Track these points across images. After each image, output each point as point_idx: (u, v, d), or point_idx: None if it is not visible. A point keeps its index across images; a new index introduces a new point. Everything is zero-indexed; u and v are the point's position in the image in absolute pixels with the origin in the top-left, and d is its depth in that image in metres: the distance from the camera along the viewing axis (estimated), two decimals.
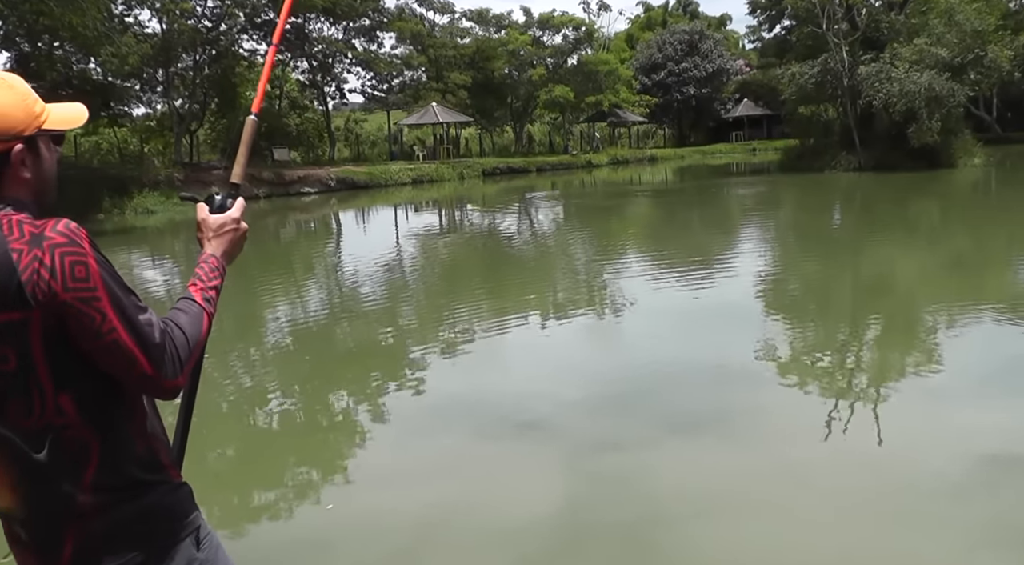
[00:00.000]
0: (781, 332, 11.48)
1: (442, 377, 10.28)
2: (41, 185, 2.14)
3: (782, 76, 48.26)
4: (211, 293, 2.25)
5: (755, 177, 47.56)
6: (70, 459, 2.02)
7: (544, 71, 64.60)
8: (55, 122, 2.15)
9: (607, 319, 13.08)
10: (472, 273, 19.34)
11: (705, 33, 78.24)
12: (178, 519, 2.19)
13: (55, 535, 2.06)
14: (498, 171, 56.83)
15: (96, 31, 33.90)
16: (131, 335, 1.98)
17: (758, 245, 21.28)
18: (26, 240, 1.94)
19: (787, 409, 8.30)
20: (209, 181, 42.34)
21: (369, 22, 57.47)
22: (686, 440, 7.46)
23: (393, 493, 6.74)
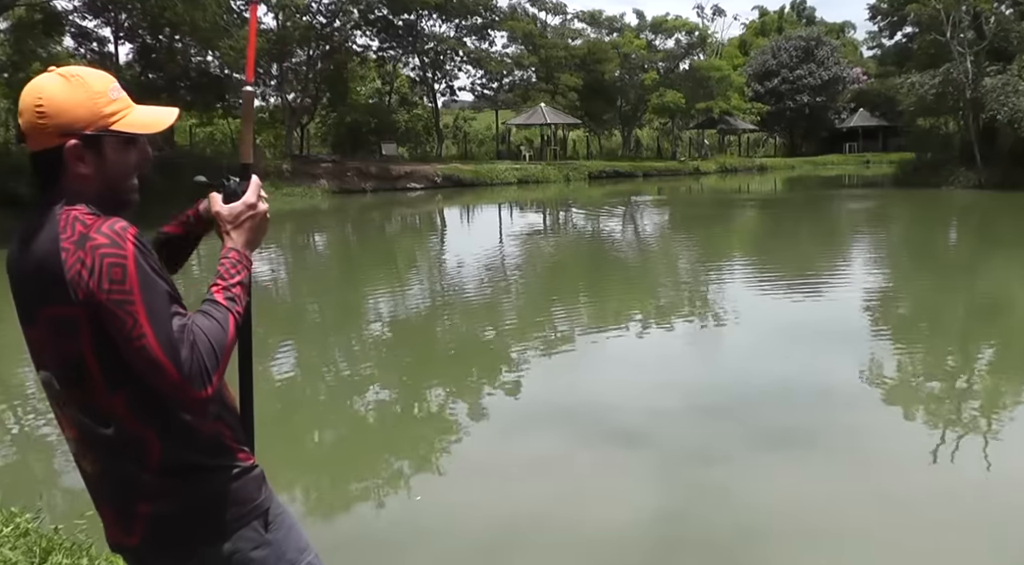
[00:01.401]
0: (889, 353, 11.14)
1: (540, 378, 10.25)
2: (105, 183, 2.16)
3: (901, 86, 46.81)
4: (235, 290, 2.17)
5: (868, 191, 46.50)
6: (133, 445, 2.12)
7: (655, 75, 64.17)
8: (127, 125, 2.17)
9: (708, 329, 12.87)
10: (574, 275, 19.24)
11: (822, 39, 76.56)
12: (244, 503, 2.23)
13: (129, 509, 2.17)
14: (604, 174, 56.56)
15: (215, 25, 34.71)
16: (160, 343, 1.96)
17: (868, 261, 20.70)
18: (74, 239, 2.01)
19: (892, 434, 8.04)
20: (317, 174, 42.97)
21: (481, 20, 57.70)
22: (784, 459, 7.28)
23: (484, 490, 6.76)
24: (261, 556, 2.24)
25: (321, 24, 50.22)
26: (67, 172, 2.11)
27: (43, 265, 2.04)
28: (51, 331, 2.08)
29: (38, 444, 8.21)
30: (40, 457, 7.95)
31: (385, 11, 52.41)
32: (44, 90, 2.10)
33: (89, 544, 4.57)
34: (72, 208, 2.07)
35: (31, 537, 4.51)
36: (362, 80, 59.17)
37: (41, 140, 2.10)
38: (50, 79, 2.12)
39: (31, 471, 7.68)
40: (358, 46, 54.75)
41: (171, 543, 2.18)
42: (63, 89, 2.10)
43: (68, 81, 2.11)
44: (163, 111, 2.26)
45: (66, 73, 2.13)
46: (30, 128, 2.11)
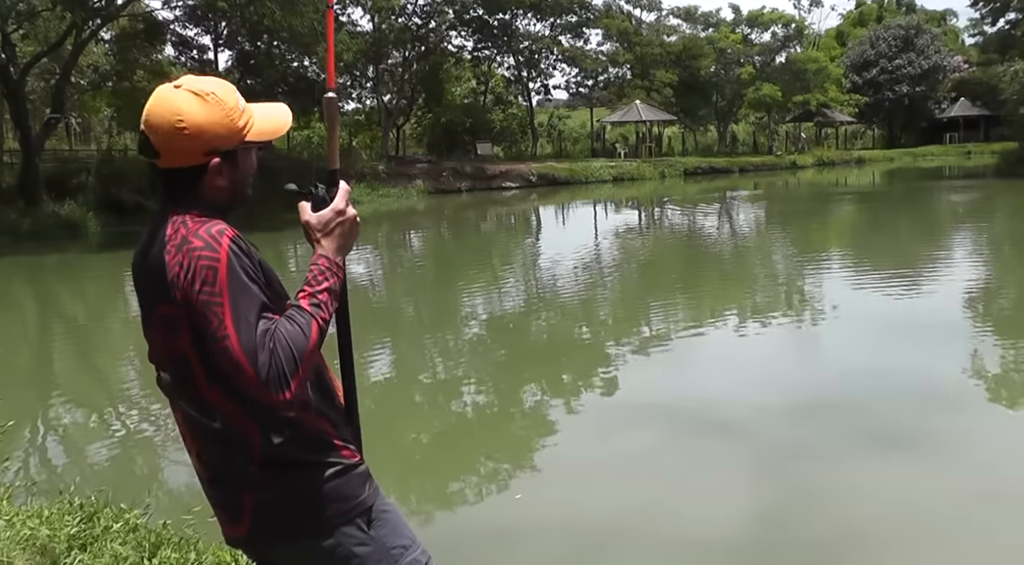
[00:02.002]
0: (993, 350, 10.85)
1: (637, 375, 10.24)
2: (237, 188, 2.28)
3: (1004, 74, 45.76)
4: (322, 297, 2.19)
5: (969, 182, 45.39)
6: (238, 438, 2.21)
7: (752, 69, 63.51)
8: (258, 134, 2.28)
9: (807, 325, 12.71)
10: (670, 272, 19.17)
11: (922, 27, 74.78)
12: (346, 500, 2.29)
13: (236, 500, 2.28)
14: (700, 170, 56.11)
15: (312, 30, 35.25)
16: (241, 345, 2.02)
17: (970, 255, 20.17)
18: (176, 243, 2.11)
19: (997, 432, 7.84)
20: (413, 175, 43.39)
21: (576, 18, 57.65)
22: (887, 458, 7.14)
23: (582, 489, 6.76)
24: (364, 552, 2.30)
25: (416, 25, 50.68)
26: (206, 185, 2.21)
27: (154, 267, 2.15)
28: (162, 329, 2.19)
29: (144, 442, 8.47)
30: (146, 454, 8.19)
31: (480, 11, 52.73)
32: (183, 110, 2.14)
33: (196, 539, 4.70)
34: (184, 213, 2.16)
35: (140, 532, 4.64)
36: (457, 80, 59.54)
37: (182, 158, 2.18)
38: (187, 99, 2.17)
39: (138, 468, 7.92)
40: (453, 46, 55.22)
41: (275, 535, 2.27)
42: (203, 109, 2.16)
43: (205, 100, 2.17)
44: (281, 112, 2.36)
45: (199, 91, 2.18)
46: (171, 146, 2.15)
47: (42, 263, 23.36)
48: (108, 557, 4.28)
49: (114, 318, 15.98)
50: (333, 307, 2.22)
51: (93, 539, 4.50)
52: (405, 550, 2.39)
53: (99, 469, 7.69)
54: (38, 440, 8.67)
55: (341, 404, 2.41)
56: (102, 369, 12.10)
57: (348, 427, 2.40)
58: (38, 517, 4.73)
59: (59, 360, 13.10)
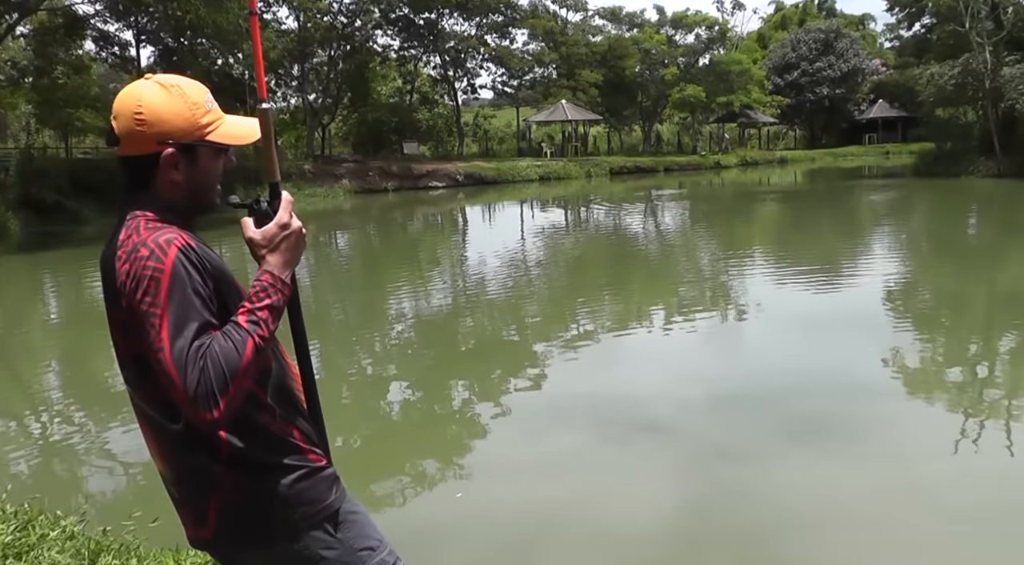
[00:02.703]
0: (911, 343, 11.15)
1: (564, 374, 10.30)
2: (195, 188, 2.27)
3: (920, 76, 46.83)
4: (261, 314, 2.12)
5: (887, 181, 46.24)
6: (204, 439, 2.17)
7: (676, 70, 64.15)
8: (221, 136, 2.28)
9: (731, 323, 12.92)
10: (597, 271, 19.31)
11: (841, 31, 76.42)
12: (312, 503, 2.30)
13: (201, 502, 2.26)
14: (625, 170, 56.60)
15: (238, 27, 34.92)
16: (173, 358, 1.99)
17: (889, 252, 20.70)
18: (128, 249, 2.11)
19: (915, 423, 8.07)
20: (339, 174, 43.17)
21: (502, 18, 57.72)
22: (808, 450, 7.32)
23: (509, 487, 6.79)
24: (331, 555, 2.31)
25: (342, 24, 50.38)
26: (160, 178, 2.21)
27: (108, 270, 2.16)
28: (121, 331, 2.18)
29: (72, 449, 8.32)
30: (77, 461, 8.04)
31: (406, 10, 52.60)
32: (144, 97, 2.18)
33: (137, 544, 4.65)
34: (140, 214, 2.17)
35: (78, 540, 4.57)
36: (383, 79, 59.35)
37: (137, 145, 2.19)
38: (149, 87, 2.21)
39: (70, 475, 7.78)
40: (379, 46, 55.02)
41: (243, 537, 2.27)
42: (163, 98, 2.19)
43: (168, 90, 2.20)
44: (251, 122, 2.36)
45: (165, 82, 2.22)
46: (127, 133, 2.18)
47: None
48: None
49: (35, 322, 15.66)
50: (275, 325, 2.16)
51: (29, 548, 4.43)
52: (372, 552, 2.40)
53: (29, 477, 7.54)
54: None
55: (304, 409, 2.40)
56: (23, 375, 11.85)
57: (314, 432, 2.40)
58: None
59: None
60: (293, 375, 2.41)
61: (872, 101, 74.67)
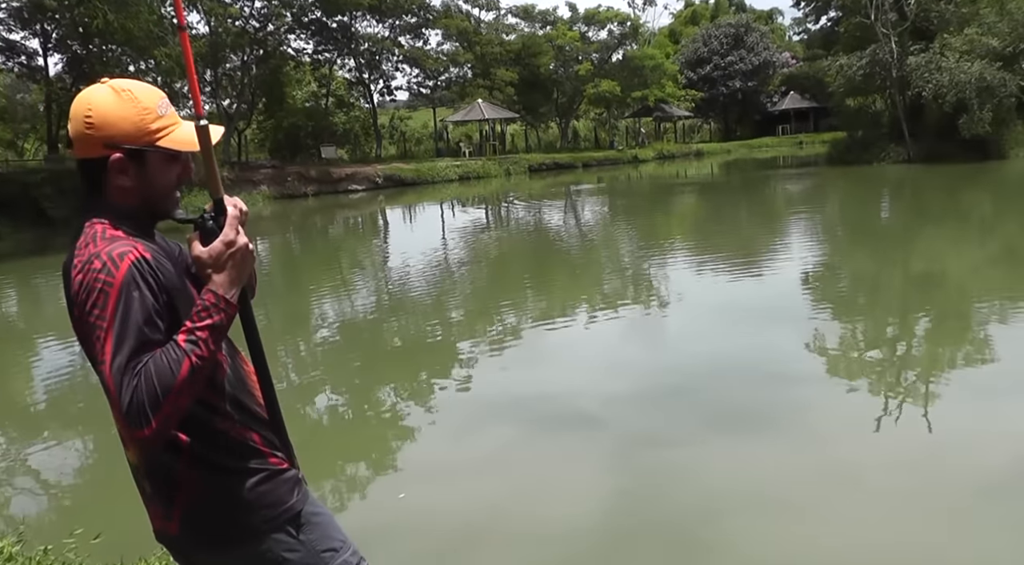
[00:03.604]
0: (829, 328, 11.37)
1: (489, 372, 10.35)
2: (147, 195, 2.26)
3: (829, 68, 47.70)
4: (201, 333, 2.08)
5: (802, 170, 47.04)
6: (167, 440, 2.18)
7: (590, 66, 64.52)
8: (172, 142, 2.26)
9: (653, 315, 13.07)
10: (519, 268, 19.38)
11: (751, 26, 77.46)
12: (273, 506, 2.33)
13: (167, 497, 2.29)
14: (544, 167, 56.82)
15: (149, 33, 34.39)
16: (112, 373, 2.00)
17: (805, 239, 21.06)
18: (83, 258, 2.10)
19: (834, 406, 8.24)
20: (257, 180, 42.74)
21: (415, 19, 57.65)
22: (732, 437, 7.44)
23: (440, 488, 6.81)
24: (294, 557, 2.34)
25: (254, 29, 49.90)
26: (109, 183, 2.21)
27: (64, 274, 2.16)
28: (79, 336, 2.16)
29: (17, 468, 8.16)
30: (7, 482, 7.88)
31: (319, 13, 52.24)
32: (94, 101, 2.19)
33: (80, 562, 4.60)
34: (98, 221, 2.17)
35: (18, 561, 4.50)
36: (298, 84, 58.86)
37: (86, 149, 2.20)
38: (101, 91, 2.22)
39: (11, 495, 7.58)
40: (293, 50, 54.53)
41: (206, 538, 2.29)
42: (113, 102, 2.19)
43: (119, 95, 2.21)
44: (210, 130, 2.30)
45: (117, 86, 2.23)
46: (77, 136, 2.20)
47: None
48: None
49: None
50: (215, 344, 2.12)
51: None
52: (336, 553, 2.43)
53: None
54: None
55: (262, 414, 2.41)
56: None
57: (276, 436, 2.41)
58: None
59: None
60: (252, 382, 2.42)
61: (784, 93, 75.77)
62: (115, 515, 6.39)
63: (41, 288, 21.62)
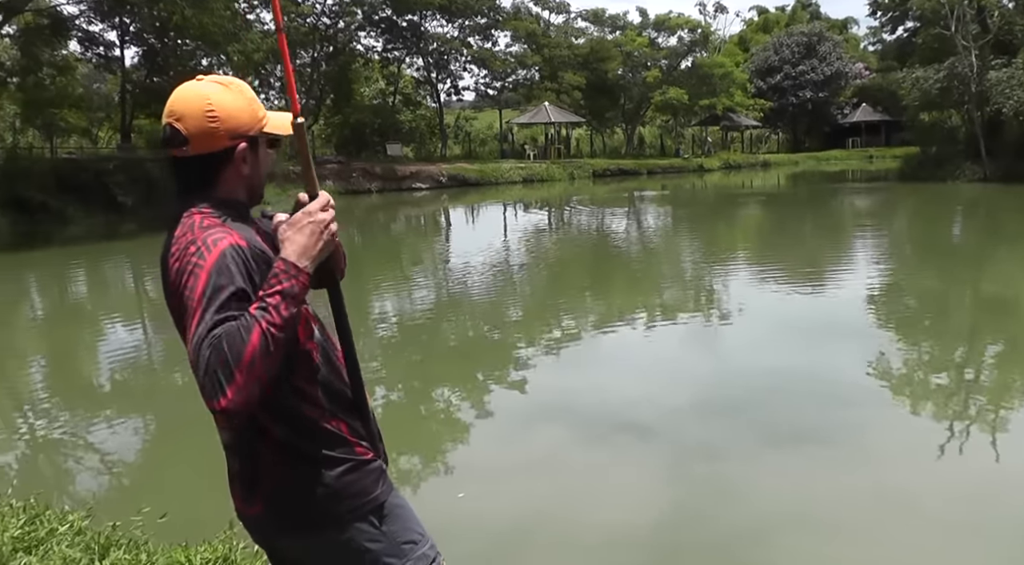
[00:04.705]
0: (893, 348, 11.16)
1: (545, 376, 10.31)
2: (255, 181, 2.35)
3: (904, 80, 46.77)
4: (271, 300, 2.06)
5: (871, 185, 46.43)
6: (256, 426, 2.26)
7: (658, 73, 64.21)
8: (273, 127, 2.35)
9: (713, 325, 12.93)
10: (579, 273, 19.32)
11: (824, 34, 76.49)
12: (358, 496, 2.35)
13: (253, 477, 2.33)
14: (608, 172, 56.68)
15: (224, 29, 34.87)
16: (193, 346, 2.01)
17: (872, 256, 20.65)
18: (180, 246, 2.15)
19: (896, 429, 8.06)
20: (323, 175, 43.04)
21: (485, 20, 57.79)
22: (787, 455, 7.34)
23: (491, 490, 6.79)
24: (376, 548, 2.35)
25: (325, 26, 50.37)
26: (232, 172, 2.27)
27: (162, 263, 2.21)
28: (174, 320, 2.21)
29: (73, 446, 8.32)
30: (79, 458, 8.05)
31: (389, 12, 52.54)
32: (211, 96, 2.24)
33: (145, 540, 4.63)
34: (197, 211, 2.20)
35: (87, 535, 4.57)
36: (366, 81, 59.25)
37: (210, 142, 2.23)
38: (212, 87, 2.27)
39: (74, 472, 7.76)
40: (362, 47, 54.96)
41: (288, 522, 2.31)
42: (228, 95, 2.27)
43: (229, 88, 2.29)
44: (286, 115, 2.40)
45: (221, 81, 2.31)
46: (200, 132, 2.22)
47: None
48: (57, 559, 4.23)
49: (20, 321, 15.58)
50: (288, 311, 2.07)
51: (38, 542, 4.44)
52: (415, 545, 2.45)
53: (31, 474, 7.54)
54: None
55: (351, 403, 2.43)
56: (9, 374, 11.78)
57: (363, 426, 2.43)
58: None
59: None
60: (343, 371, 2.43)
61: (855, 105, 74.89)
62: (180, 496, 6.51)
63: (109, 272, 22.04)
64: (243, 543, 4.48)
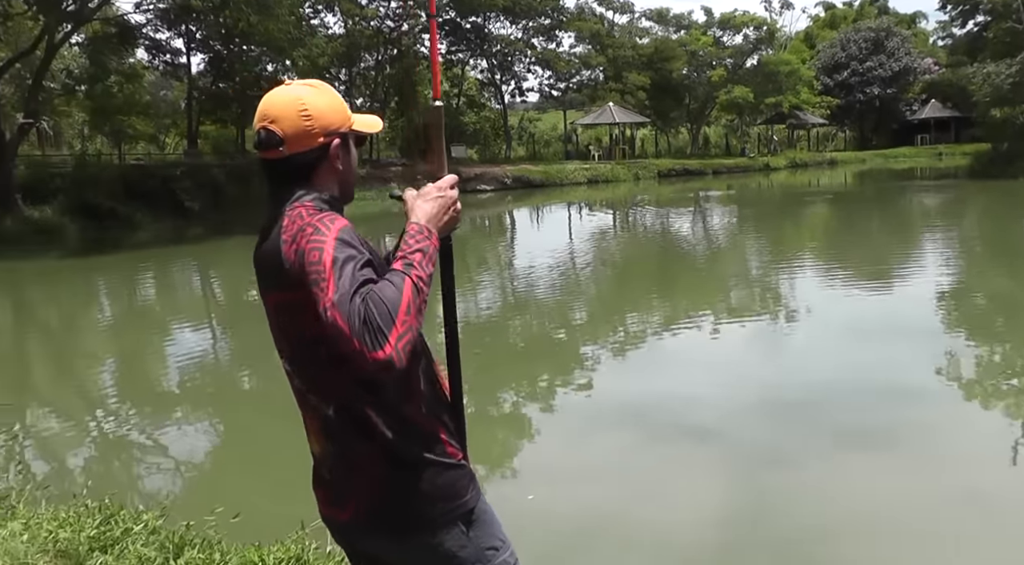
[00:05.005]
0: (962, 349, 10.98)
1: (611, 377, 10.33)
2: (347, 178, 2.42)
3: (974, 75, 46.00)
4: (414, 257, 2.17)
5: (941, 183, 45.67)
6: (355, 425, 2.28)
7: (723, 72, 63.78)
8: (360, 125, 2.45)
9: (780, 326, 12.83)
10: (644, 274, 19.29)
11: (892, 29, 75.20)
12: (452, 499, 2.34)
13: (348, 486, 2.34)
14: (673, 173, 56.37)
15: (288, 34, 35.26)
16: (338, 307, 2.01)
17: (942, 256, 20.26)
18: (292, 232, 2.18)
19: (965, 432, 7.93)
20: (387, 177, 43.35)
21: (548, 21, 57.81)
22: (857, 457, 7.24)
23: (558, 492, 6.79)
24: (464, 554, 2.34)
25: (389, 29, 50.67)
26: (326, 169, 2.34)
27: (269, 257, 2.24)
28: (278, 316, 2.30)
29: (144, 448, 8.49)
30: (150, 460, 8.21)
31: (453, 14, 52.75)
32: (304, 97, 2.32)
33: (219, 539, 4.69)
34: (300, 205, 2.25)
35: (161, 534, 4.64)
36: (430, 83, 59.50)
37: (306, 141, 2.30)
38: (302, 89, 2.35)
39: (145, 472, 7.92)
40: (426, 50, 55.11)
41: (382, 526, 2.31)
42: (319, 95, 2.35)
43: (318, 89, 2.37)
44: (372, 116, 2.52)
45: (310, 83, 2.40)
46: (295, 132, 2.29)
47: (20, 269, 23.17)
48: (133, 558, 4.31)
49: (89, 324, 15.93)
50: (429, 268, 2.19)
51: (114, 541, 4.52)
52: (496, 552, 2.43)
53: (104, 475, 7.68)
54: (32, 446, 8.59)
55: (448, 404, 2.46)
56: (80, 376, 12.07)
57: (457, 426, 2.45)
58: (55, 519, 4.76)
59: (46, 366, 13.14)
60: (437, 371, 2.48)
61: (924, 101, 73.63)
62: (250, 497, 6.59)
63: (176, 275, 22.41)
64: (315, 544, 4.54)
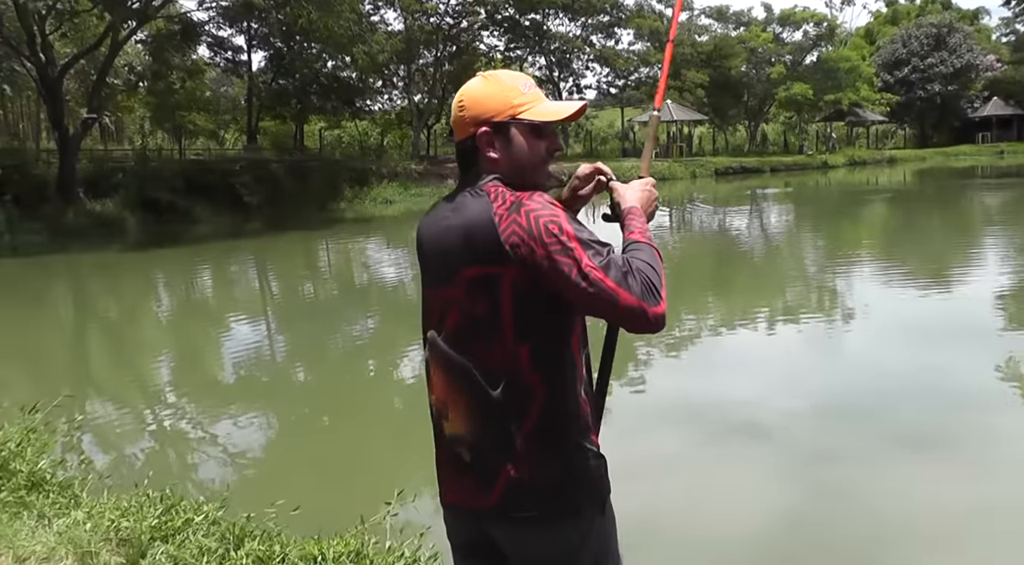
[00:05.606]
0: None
1: (664, 375, 10.35)
2: (512, 166, 2.41)
3: None
4: (646, 233, 2.44)
5: (1002, 181, 44.94)
6: (518, 403, 2.29)
7: (783, 69, 63.30)
8: (532, 114, 2.41)
9: (837, 327, 12.74)
10: (699, 272, 19.25)
11: (954, 26, 74.04)
12: (596, 487, 2.40)
13: (493, 467, 2.32)
14: (731, 170, 56.07)
15: (349, 32, 35.56)
16: (611, 275, 2.17)
17: (1003, 256, 19.96)
18: (507, 207, 2.26)
19: None
20: (445, 174, 43.57)
21: (607, 18, 57.80)
22: (914, 460, 7.17)
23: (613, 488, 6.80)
24: (596, 540, 2.38)
25: (448, 25, 50.90)
26: (481, 157, 2.40)
27: (472, 232, 2.28)
28: (468, 290, 2.30)
29: (202, 440, 8.67)
30: (219, 451, 8.33)
31: (512, 11, 52.89)
32: (466, 89, 2.45)
33: (279, 531, 4.72)
34: (492, 184, 2.34)
35: (222, 525, 4.70)
36: None
37: (461, 130, 2.43)
38: (474, 80, 2.48)
39: (210, 464, 8.01)
40: (485, 46, 55.43)
41: (524, 510, 2.31)
42: (479, 86, 2.44)
43: (486, 80, 2.45)
44: (569, 103, 2.51)
45: (486, 74, 2.48)
46: (455, 121, 2.45)
47: (82, 262, 23.70)
48: (194, 548, 4.36)
49: (149, 316, 16.24)
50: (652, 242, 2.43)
51: (175, 531, 4.57)
52: (618, 554, 2.49)
53: (165, 465, 7.80)
54: (93, 436, 8.68)
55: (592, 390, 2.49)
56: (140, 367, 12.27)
57: (598, 413, 2.50)
58: (117, 509, 4.81)
59: (106, 357, 13.41)
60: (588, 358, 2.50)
61: (986, 98, 72.58)
62: (309, 491, 6.67)
63: (234, 269, 22.72)
64: (375, 538, 4.60)
